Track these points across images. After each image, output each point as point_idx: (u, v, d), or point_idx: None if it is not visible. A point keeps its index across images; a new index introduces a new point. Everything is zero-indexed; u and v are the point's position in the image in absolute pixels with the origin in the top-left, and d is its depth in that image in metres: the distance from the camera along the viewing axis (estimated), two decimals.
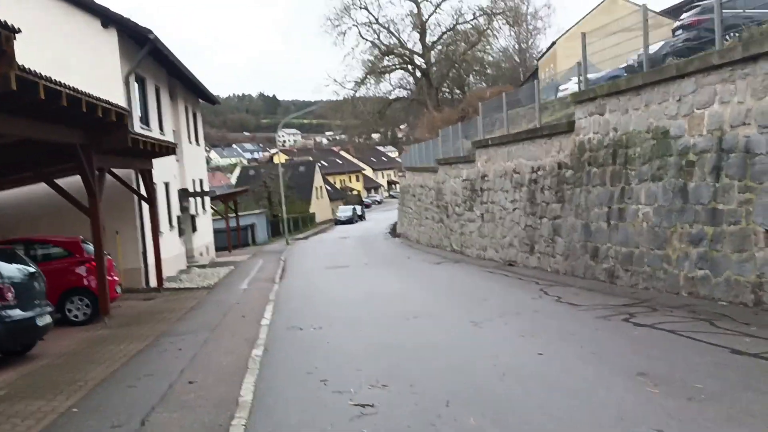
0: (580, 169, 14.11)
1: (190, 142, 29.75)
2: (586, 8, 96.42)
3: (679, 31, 16.38)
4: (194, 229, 28.41)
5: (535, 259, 16.61)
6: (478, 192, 21.61)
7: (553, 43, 50.27)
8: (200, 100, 33.89)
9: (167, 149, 17.34)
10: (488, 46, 53.79)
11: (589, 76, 22.17)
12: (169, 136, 23.73)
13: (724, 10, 14.56)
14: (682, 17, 18.19)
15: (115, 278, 14.42)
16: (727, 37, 12.26)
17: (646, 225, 11.40)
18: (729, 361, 6.27)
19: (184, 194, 26.93)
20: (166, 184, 23.17)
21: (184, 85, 27.98)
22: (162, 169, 22.14)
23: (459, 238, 24.29)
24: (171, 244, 22.95)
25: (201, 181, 31.81)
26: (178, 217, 24.91)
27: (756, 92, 8.80)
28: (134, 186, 18.19)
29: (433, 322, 9.85)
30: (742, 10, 12.81)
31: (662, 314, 8.98)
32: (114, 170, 16.83)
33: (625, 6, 46.30)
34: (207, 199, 33.90)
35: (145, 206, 18.47)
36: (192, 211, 28.51)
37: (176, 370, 7.81)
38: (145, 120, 21.23)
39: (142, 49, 18.97)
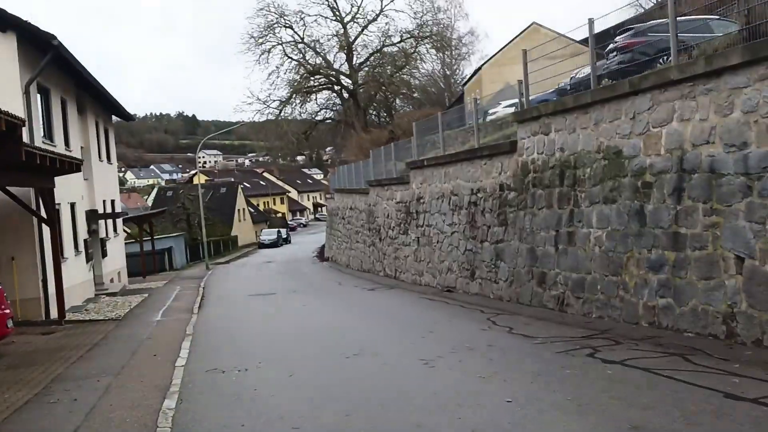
0: (523, 191, 13.42)
1: (101, 160, 27.56)
2: (509, 36, 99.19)
3: (613, 54, 16.10)
4: (104, 254, 26.15)
5: (477, 285, 15.78)
6: (414, 215, 20.73)
7: (479, 69, 50.74)
8: (113, 116, 31.72)
9: (71, 166, 15.52)
10: (415, 70, 53.76)
11: (513, 101, 21.96)
12: (76, 153, 21.69)
13: (651, 34, 14.45)
14: (615, 40, 17.92)
15: (6, 311, 12.47)
16: (660, 61, 12.01)
17: (599, 249, 10.73)
18: (728, 408, 5.45)
19: (92, 216, 24.73)
20: (72, 205, 21.10)
21: (94, 98, 25.91)
22: (67, 188, 20.10)
23: (393, 263, 23.29)
24: (77, 270, 20.83)
25: (113, 202, 29.53)
26: (86, 241, 22.76)
27: (721, 109, 8.25)
28: (33, 206, 16.21)
29: (378, 361, 8.69)
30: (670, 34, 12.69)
31: (628, 348, 8.20)
32: (9, 189, 14.92)
33: (547, 34, 47.49)
34: (119, 221, 31.56)
35: (47, 229, 16.50)
36: (102, 234, 26.27)
37: None
38: (48, 134, 19.22)
39: (45, 56, 17.12)
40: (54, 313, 16.56)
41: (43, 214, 16.22)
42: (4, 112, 10.43)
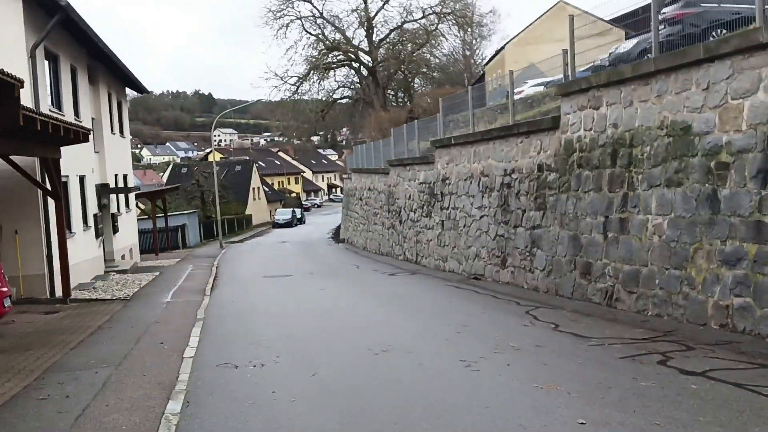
0: (567, 172, 12.22)
1: (113, 133, 26.59)
2: (532, 15, 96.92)
3: (661, 27, 14.72)
4: (115, 230, 25.28)
5: (508, 274, 14.66)
6: (438, 196, 19.58)
7: (501, 48, 49.13)
8: (127, 89, 30.73)
9: (78, 135, 14.49)
10: (435, 49, 52.19)
11: (546, 79, 20.62)
12: (86, 124, 20.72)
13: (705, 5, 13.06)
14: (664, 11, 16.46)
15: (3, 289, 11.55)
16: (713, 34, 10.73)
17: (658, 239, 9.55)
18: None
19: (103, 190, 23.82)
20: (81, 178, 20.17)
21: (107, 68, 24.89)
22: (76, 160, 19.16)
23: (414, 247, 22.20)
24: (85, 246, 19.95)
25: (125, 177, 28.63)
26: (96, 216, 21.85)
27: None
28: (38, 178, 15.26)
29: (412, 360, 7.61)
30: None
31: (703, 355, 7.06)
32: (12, 158, 13.96)
33: (575, 12, 45.74)
34: (132, 196, 30.69)
35: (52, 202, 15.57)
36: (113, 210, 25.38)
37: None
38: (56, 103, 18.23)
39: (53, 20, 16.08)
40: (59, 291, 15.69)
41: (49, 186, 15.30)
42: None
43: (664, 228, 9.45)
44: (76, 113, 20.08)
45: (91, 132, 15.66)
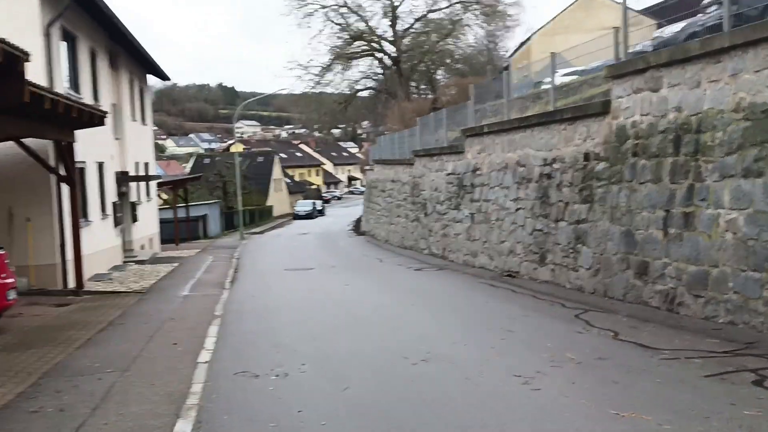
0: (619, 161, 11.13)
1: (134, 120, 25.88)
2: (558, 6, 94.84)
3: (713, 7, 13.48)
4: (135, 219, 24.59)
5: (547, 272, 13.60)
6: (468, 188, 18.53)
7: (528, 39, 47.71)
8: (149, 76, 30.02)
9: (93, 117, 13.69)
10: (458, 40, 50.90)
11: (578, 68, 19.39)
12: (107, 110, 19.99)
13: None
14: None
15: (8, 281, 10.78)
16: None
17: (732, 236, 8.45)
18: None
19: (123, 178, 23.11)
20: (100, 164, 19.44)
21: (128, 54, 24.16)
22: (94, 145, 18.43)
23: (441, 241, 21.19)
24: (103, 235, 19.25)
25: (146, 165, 27.94)
26: (115, 204, 21.15)
27: None
28: (51, 162, 14.51)
29: (457, 373, 6.63)
30: None
31: None
32: (24, 141, 13.21)
33: (603, 2, 44.17)
34: (153, 185, 30.02)
35: (66, 188, 14.84)
36: (133, 198, 24.70)
37: None
38: (74, 85, 17.49)
39: None
40: (72, 282, 14.97)
41: (63, 171, 14.55)
42: (2, 41, 8.57)
43: (739, 224, 8.34)
44: (96, 98, 19.35)
45: (107, 115, 14.84)
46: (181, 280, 16.65)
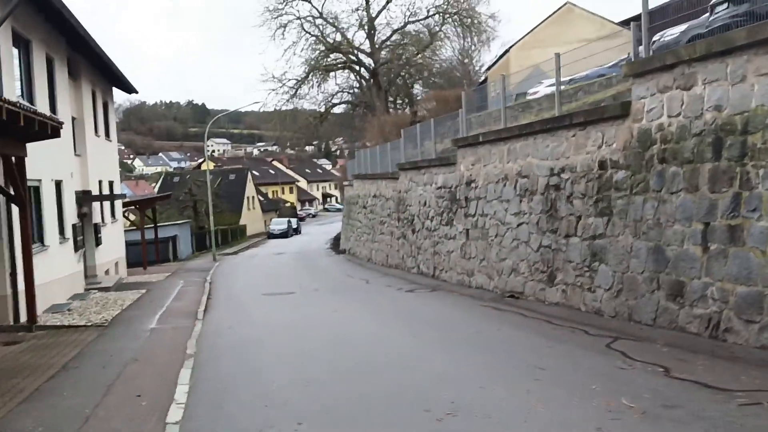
0: (642, 169, 9.94)
1: (98, 135, 24.22)
2: (534, 20, 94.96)
3: (723, 6, 12.50)
4: (98, 242, 22.84)
5: (558, 293, 12.33)
6: (461, 202, 17.27)
7: (506, 52, 47.04)
8: (115, 88, 28.36)
9: (45, 127, 12.11)
10: (436, 54, 50.05)
11: (568, 77, 18.38)
12: (66, 124, 18.34)
13: None
14: None
15: None
16: None
17: None
18: None
19: (85, 197, 21.43)
20: (58, 183, 17.77)
21: (91, 63, 22.57)
22: (52, 162, 16.84)
23: (431, 259, 19.85)
24: (62, 261, 17.52)
25: (111, 184, 26.23)
26: (75, 227, 19.45)
27: None
28: None
29: None
30: None
31: None
32: None
33: (582, 15, 43.72)
34: (118, 205, 28.25)
35: (16, 210, 13.21)
36: (96, 219, 22.96)
37: None
38: (27, 95, 15.89)
39: None
40: (24, 316, 13.29)
41: (11, 190, 12.91)
42: None
43: None
44: (53, 109, 17.69)
45: (63, 125, 13.24)
46: (148, 309, 15.01)
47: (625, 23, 36.61)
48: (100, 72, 24.09)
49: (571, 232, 11.93)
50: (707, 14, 13.34)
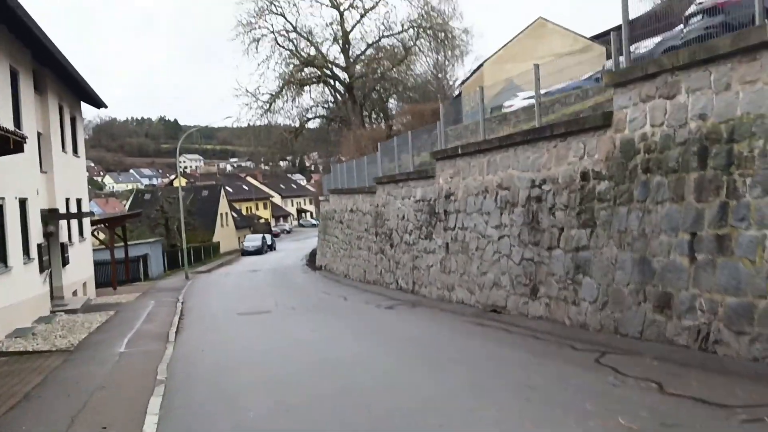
0: (626, 179, 9.77)
1: (65, 151, 23.57)
2: (506, 35, 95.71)
3: (697, 17, 12.52)
4: (65, 262, 22.10)
5: (541, 306, 12.08)
6: (441, 215, 17.02)
7: (479, 67, 47.31)
8: (84, 103, 27.71)
9: (6, 141, 11.60)
10: (413, 65, 50.13)
11: (545, 89, 18.35)
12: (32, 140, 17.75)
13: None
14: (700, 1, 14.25)
15: None
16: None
17: None
18: None
19: (51, 216, 20.73)
20: (22, 201, 17.12)
21: (59, 77, 22.01)
22: (15, 179, 16.26)
23: (410, 274, 19.53)
24: (26, 282, 16.83)
25: (79, 201, 25.49)
26: (40, 246, 18.75)
27: None
28: None
29: None
30: None
31: None
32: None
33: (555, 30, 44.15)
34: (87, 223, 27.50)
35: None
36: (63, 239, 22.24)
37: None
38: None
39: None
40: None
41: None
42: None
43: None
44: (17, 124, 17.09)
45: (26, 140, 12.72)
46: (116, 332, 14.42)
47: (596, 38, 37.05)
48: (67, 86, 23.51)
49: (553, 244, 11.72)
50: (681, 26, 13.45)
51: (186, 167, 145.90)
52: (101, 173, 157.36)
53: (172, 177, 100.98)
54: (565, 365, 8.12)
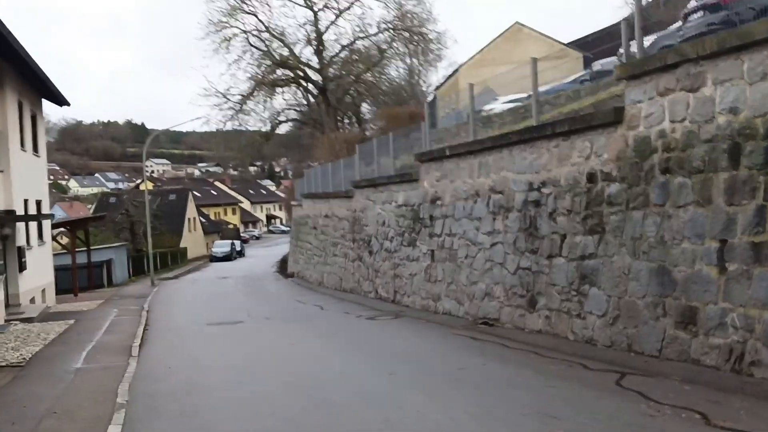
0: (641, 181, 8.94)
1: (24, 149, 22.07)
2: (480, 42, 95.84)
3: (698, 14, 11.86)
4: (22, 267, 20.62)
5: (540, 319, 11.19)
6: (426, 221, 16.07)
7: (455, 72, 46.75)
8: (45, 101, 26.19)
9: None
10: (387, 69, 49.31)
11: (521, 95, 17.66)
12: None
13: None
14: None
15: None
16: None
17: None
18: None
19: (7, 217, 19.26)
20: None
21: (18, 72, 20.61)
22: None
23: (390, 283, 18.53)
24: None
25: (38, 203, 23.97)
26: None
27: None
28: None
29: None
30: None
31: None
32: None
33: (531, 35, 43.80)
34: (47, 226, 25.92)
35: None
36: (20, 242, 20.75)
37: None
38: None
39: None
40: None
41: None
42: None
43: None
44: None
45: None
46: (74, 344, 13.11)
47: (572, 44, 36.73)
48: (27, 81, 22.08)
49: (554, 252, 10.84)
50: (677, 23, 12.77)
51: (153, 171, 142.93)
52: (66, 177, 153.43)
53: (139, 181, 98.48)
54: (583, 389, 7.19)
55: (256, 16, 43.11)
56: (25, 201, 21.72)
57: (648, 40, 11.34)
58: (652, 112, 8.79)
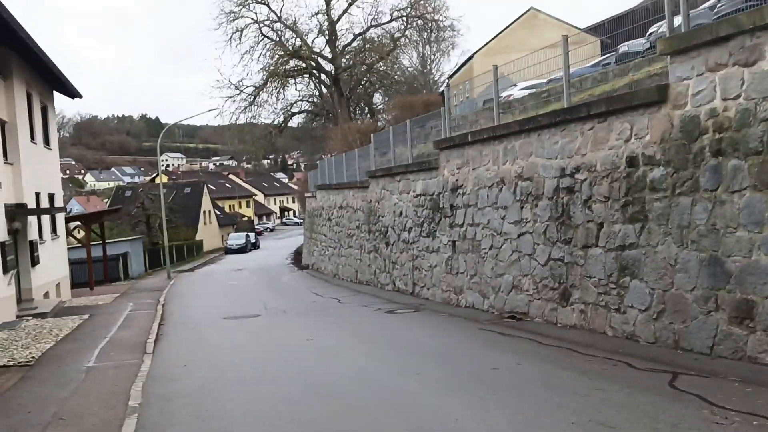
0: (688, 165, 8.26)
1: (34, 142, 21.66)
2: (493, 29, 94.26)
3: None
4: (35, 262, 20.24)
5: (575, 314, 10.55)
6: (446, 211, 15.44)
7: (469, 59, 45.87)
8: (57, 93, 25.77)
9: None
10: (396, 63, 48.50)
11: (538, 81, 16.86)
12: None
13: None
14: None
15: None
16: None
17: None
18: None
19: (17, 211, 18.87)
20: None
21: (27, 63, 20.14)
22: None
23: (409, 275, 17.94)
24: None
25: (51, 196, 23.59)
26: (4, 245, 16.94)
27: None
28: None
29: None
30: None
31: None
32: None
33: (547, 20, 42.79)
34: (60, 220, 25.56)
35: None
36: (32, 236, 20.37)
37: None
38: None
39: None
40: None
41: None
42: None
43: None
44: None
45: None
46: (87, 341, 12.66)
47: (590, 30, 35.83)
48: (37, 72, 21.63)
49: (590, 242, 10.19)
50: (708, 2, 11.97)
51: (168, 165, 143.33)
52: (82, 171, 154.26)
53: (154, 174, 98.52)
54: (634, 392, 6.56)
55: (269, 6, 42.53)
56: (37, 194, 21.32)
57: (677, 20, 10.62)
58: (702, 90, 8.10)
